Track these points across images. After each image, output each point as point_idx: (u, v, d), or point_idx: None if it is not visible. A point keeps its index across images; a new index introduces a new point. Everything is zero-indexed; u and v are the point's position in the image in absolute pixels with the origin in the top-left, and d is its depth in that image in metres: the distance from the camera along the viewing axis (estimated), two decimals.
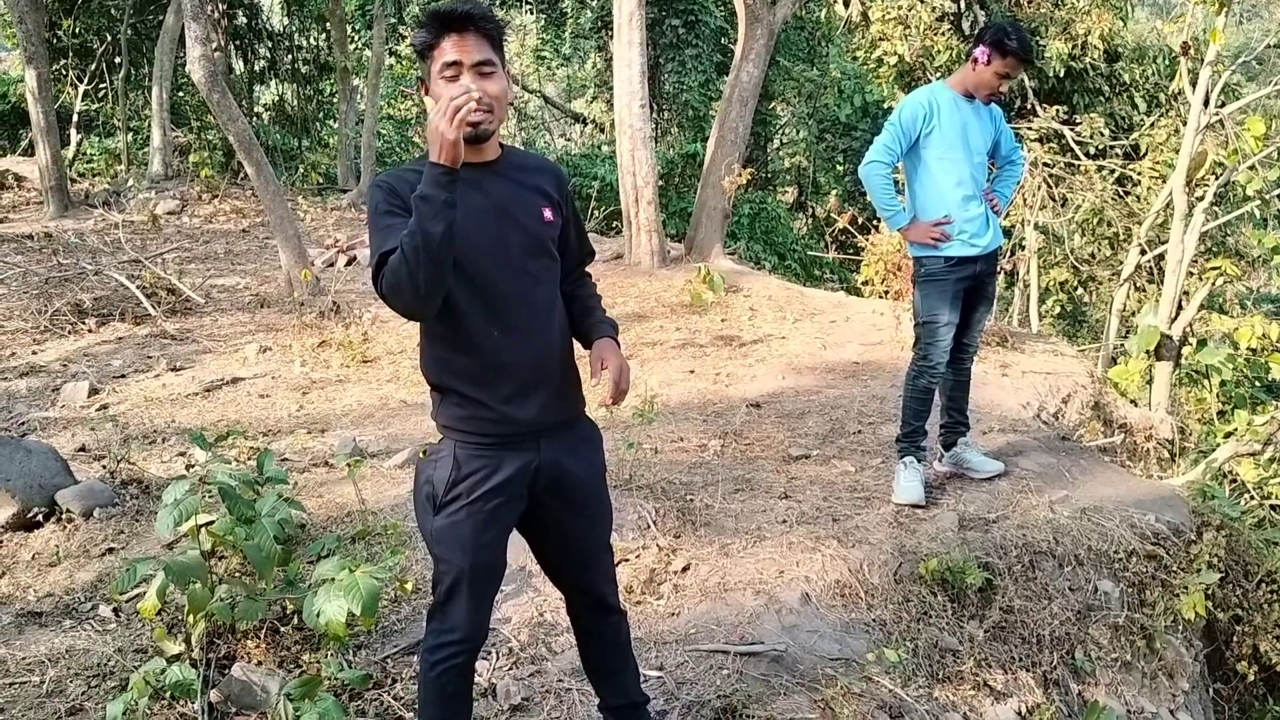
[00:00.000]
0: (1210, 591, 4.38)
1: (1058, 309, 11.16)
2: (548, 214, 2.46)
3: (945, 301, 4.42)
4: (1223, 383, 8.32)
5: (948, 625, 3.88)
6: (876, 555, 4.06)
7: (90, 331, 8.01)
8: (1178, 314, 7.45)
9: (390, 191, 2.32)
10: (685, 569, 4.04)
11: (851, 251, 10.44)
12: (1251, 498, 6.85)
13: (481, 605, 2.51)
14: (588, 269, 2.73)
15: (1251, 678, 4.56)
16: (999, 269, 5.02)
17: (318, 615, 3.16)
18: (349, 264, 10.36)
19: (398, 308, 2.25)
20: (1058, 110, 9.72)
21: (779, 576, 3.94)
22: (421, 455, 2.53)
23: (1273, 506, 6.79)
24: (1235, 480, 6.96)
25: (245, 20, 16.95)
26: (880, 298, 7.49)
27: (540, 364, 2.44)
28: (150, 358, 7.37)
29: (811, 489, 4.75)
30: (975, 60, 4.29)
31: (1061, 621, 4.11)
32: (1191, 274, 7.84)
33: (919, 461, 4.58)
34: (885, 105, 15.63)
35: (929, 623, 3.86)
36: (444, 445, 2.47)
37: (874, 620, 3.78)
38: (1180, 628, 4.40)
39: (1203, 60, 7.35)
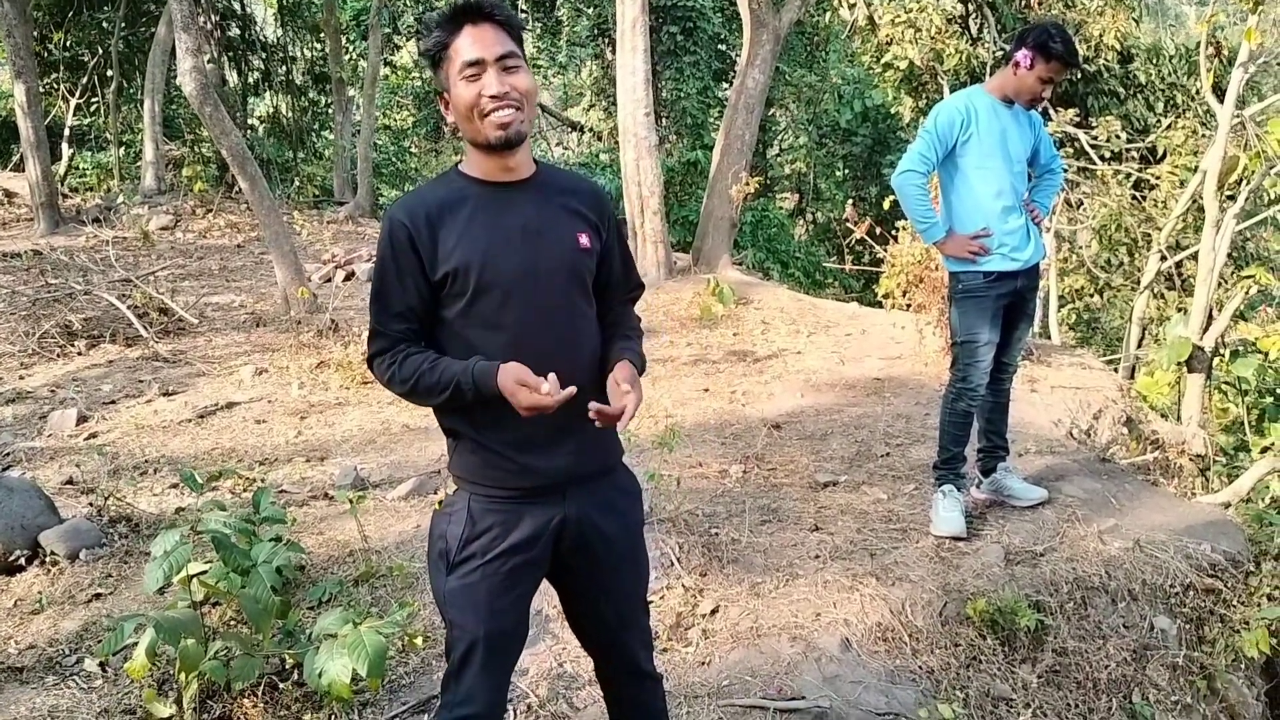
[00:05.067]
0: (1273, 627, 4.10)
1: (1073, 317, 10.89)
2: (583, 240, 2.17)
3: (985, 319, 4.14)
4: (1244, 392, 8.05)
5: (999, 671, 3.60)
6: (919, 594, 3.78)
7: (80, 354, 7.71)
8: (1208, 324, 7.17)
9: (406, 236, 2.07)
10: (714, 611, 3.77)
11: (864, 261, 10.18)
12: None
13: (499, 676, 2.24)
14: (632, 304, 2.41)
15: None
16: (1040, 283, 4.73)
17: (319, 675, 2.91)
18: (347, 279, 10.08)
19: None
20: (1072, 113, 9.41)
21: (816, 619, 3.66)
22: (437, 508, 2.27)
23: None
24: (1265, 495, 6.67)
25: (239, 32, 16.69)
26: (902, 311, 7.20)
27: (570, 407, 2.06)
28: (142, 382, 7.07)
29: (843, 519, 4.46)
30: (1017, 64, 4.00)
31: (1118, 663, 3.82)
32: (1220, 283, 7.56)
33: (958, 490, 4.29)
34: (889, 110, 15.44)
35: (979, 669, 3.58)
36: (458, 498, 2.21)
37: (921, 668, 3.50)
38: (1242, 665, 4.12)
39: (1233, 61, 7.09)
